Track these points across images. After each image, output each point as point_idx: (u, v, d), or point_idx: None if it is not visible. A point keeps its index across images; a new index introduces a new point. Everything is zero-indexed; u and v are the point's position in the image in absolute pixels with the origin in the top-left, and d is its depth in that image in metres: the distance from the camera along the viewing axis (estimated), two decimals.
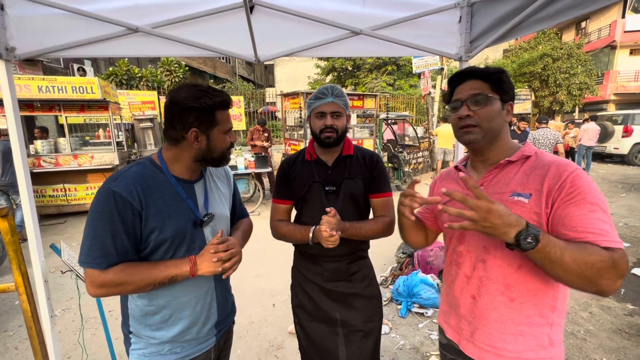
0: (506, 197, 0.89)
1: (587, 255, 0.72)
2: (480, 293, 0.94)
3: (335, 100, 1.33)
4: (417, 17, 1.61)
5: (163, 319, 1.02)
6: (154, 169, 0.99)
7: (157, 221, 0.94)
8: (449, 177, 1.12)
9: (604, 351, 2.35)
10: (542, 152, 0.93)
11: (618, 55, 18.05)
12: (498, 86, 0.93)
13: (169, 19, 1.43)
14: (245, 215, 1.36)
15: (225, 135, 1.02)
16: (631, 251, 4.12)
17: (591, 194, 0.78)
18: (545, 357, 0.89)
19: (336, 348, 1.47)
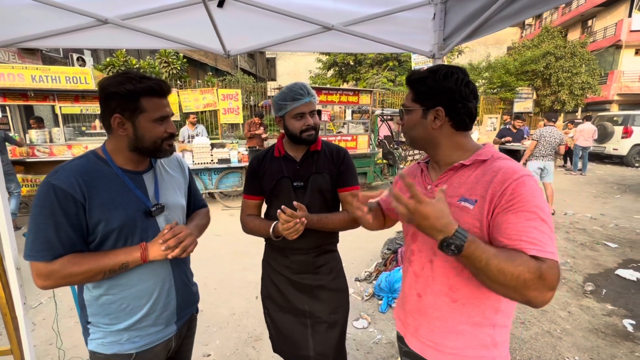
0: (455, 201, 0.89)
1: (515, 266, 0.72)
2: (425, 292, 0.97)
3: (312, 99, 1.35)
4: (390, 13, 1.60)
5: (120, 307, 1.02)
6: (97, 162, 0.99)
7: (102, 212, 0.95)
8: (413, 174, 1.12)
9: (577, 350, 2.37)
10: (498, 157, 0.90)
11: (623, 55, 17.81)
12: (417, 95, 0.93)
13: (139, 11, 1.44)
14: (202, 205, 1.38)
15: (155, 123, 0.99)
16: (617, 252, 4.13)
17: (532, 202, 0.77)
18: (486, 356, 0.91)
19: (302, 338, 1.50)
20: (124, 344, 1.04)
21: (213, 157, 5.82)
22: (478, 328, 0.90)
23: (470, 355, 0.91)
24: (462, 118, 0.90)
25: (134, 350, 1.05)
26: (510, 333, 2.54)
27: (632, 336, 2.53)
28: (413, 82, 0.93)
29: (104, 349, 1.03)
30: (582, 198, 6.88)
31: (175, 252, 0.99)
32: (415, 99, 0.93)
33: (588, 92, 15.06)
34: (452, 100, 0.89)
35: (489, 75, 16.39)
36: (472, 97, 0.90)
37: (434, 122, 0.91)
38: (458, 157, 0.93)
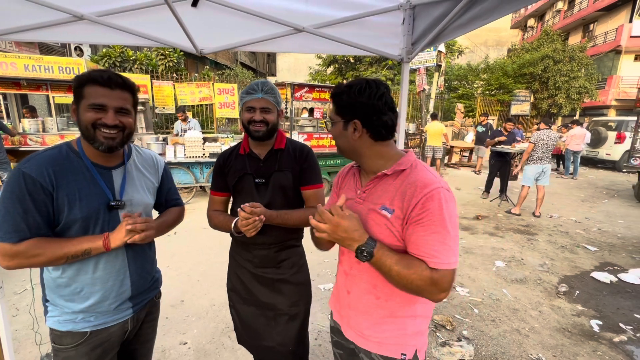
0: (377, 208, 0.96)
1: (411, 274, 0.85)
2: (353, 289, 1.07)
3: (265, 96, 1.39)
4: (360, 17, 1.65)
5: (75, 291, 1.09)
6: (69, 153, 1.05)
7: (67, 202, 1.01)
8: (349, 180, 1.15)
9: (542, 348, 2.45)
10: (417, 167, 0.96)
11: (622, 60, 17.85)
12: (338, 107, 0.99)
13: (114, 8, 1.49)
14: (177, 203, 1.42)
15: (89, 109, 1.00)
16: (596, 255, 4.21)
17: (439, 215, 0.86)
18: (409, 344, 1.01)
19: (265, 329, 1.57)
20: (78, 322, 1.11)
21: (205, 151, 5.87)
22: (400, 320, 1.00)
23: (394, 343, 1.01)
24: (378, 130, 0.95)
25: (88, 328, 1.12)
26: (479, 330, 2.64)
27: (597, 336, 2.61)
28: (333, 96, 1.00)
29: (60, 326, 1.10)
30: (570, 202, 6.97)
31: (135, 237, 1.06)
32: (336, 112, 1.00)
33: (585, 96, 15.11)
34: (367, 114, 0.94)
35: (487, 76, 16.40)
36: (386, 109, 0.95)
37: (354, 133, 0.97)
38: (381, 166, 0.99)
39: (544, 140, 5.46)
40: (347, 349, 1.16)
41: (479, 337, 2.54)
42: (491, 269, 3.74)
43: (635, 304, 3.09)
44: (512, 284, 3.41)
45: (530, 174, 5.62)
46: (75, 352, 1.11)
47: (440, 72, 11.03)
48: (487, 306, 2.99)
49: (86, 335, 1.11)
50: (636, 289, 3.37)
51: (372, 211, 0.97)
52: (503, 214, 5.88)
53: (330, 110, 1.02)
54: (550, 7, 23.80)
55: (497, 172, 6.76)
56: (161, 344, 2.39)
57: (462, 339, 2.50)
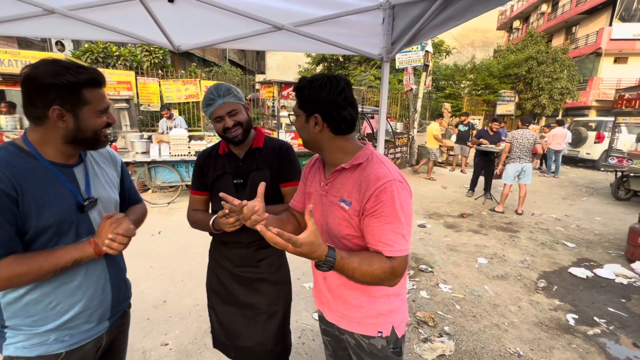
0: (337, 200, 1.02)
1: (374, 269, 0.90)
2: (327, 275, 1.10)
3: (225, 99, 1.34)
4: (340, 16, 1.66)
5: (48, 307, 0.98)
6: (20, 154, 0.93)
7: (35, 207, 0.91)
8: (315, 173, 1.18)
9: (520, 341, 2.52)
10: (372, 160, 1.00)
11: (603, 62, 18.42)
12: (300, 101, 1.02)
13: (86, 2, 1.45)
14: (138, 200, 1.35)
15: (98, 115, 0.98)
16: (574, 251, 4.35)
17: (392, 206, 0.91)
18: (385, 322, 1.08)
19: (244, 329, 1.56)
20: (52, 344, 1.00)
21: (190, 149, 5.79)
22: (374, 299, 1.07)
23: (371, 323, 1.08)
24: (338, 124, 0.99)
25: (62, 349, 1.02)
26: (460, 325, 2.69)
27: (572, 329, 2.70)
28: (295, 90, 1.03)
29: (26, 352, 0.98)
30: (551, 199, 7.16)
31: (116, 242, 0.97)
32: (299, 105, 1.02)
33: (567, 97, 15.53)
34: (327, 109, 0.97)
35: (473, 77, 16.68)
36: (346, 104, 0.98)
37: (315, 127, 1.00)
38: (340, 160, 1.03)
39: (519, 139, 5.63)
40: (333, 335, 1.22)
41: (459, 333, 2.59)
42: (474, 265, 3.81)
43: (609, 298, 3.21)
44: (493, 280, 3.48)
45: (510, 172, 5.80)
46: None
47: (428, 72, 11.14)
48: (468, 302, 3.05)
49: (60, 357, 1.01)
50: (610, 284, 3.49)
51: (332, 204, 1.03)
52: (487, 212, 5.99)
53: (297, 104, 1.03)
54: (534, 9, 24.34)
55: (481, 171, 6.89)
56: (142, 345, 2.36)
57: (443, 335, 2.55)
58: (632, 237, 3.97)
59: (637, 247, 3.92)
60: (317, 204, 1.10)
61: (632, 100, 6.76)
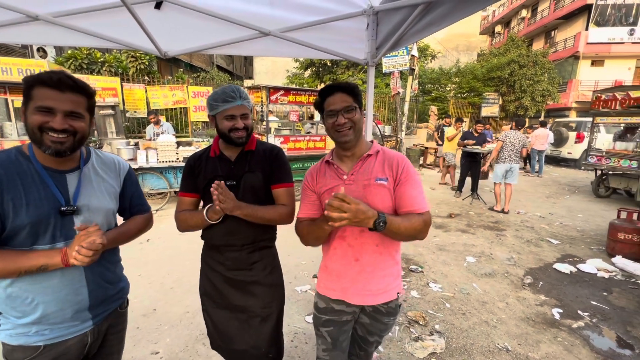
0: (373, 181, 1.22)
1: (412, 223, 1.15)
2: (361, 254, 1.26)
3: (244, 102, 1.39)
4: (326, 21, 1.69)
5: (25, 302, 1.03)
6: (18, 157, 1.01)
7: (13, 206, 0.96)
8: (326, 173, 1.33)
9: (508, 337, 2.58)
10: (384, 148, 1.31)
11: (581, 65, 19.10)
12: (356, 98, 1.22)
13: (71, 9, 1.44)
14: (143, 211, 1.36)
15: (35, 112, 0.95)
16: (558, 248, 4.48)
17: (416, 176, 1.23)
18: (398, 285, 1.33)
19: (238, 332, 1.56)
20: (32, 336, 1.05)
21: (179, 155, 5.73)
22: (392, 267, 1.30)
23: (391, 288, 1.30)
24: None
25: (41, 342, 1.06)
26: (450, 323, 2.73)
27: (557, 323, 2.78)
28: (352, 88, 1.23)
29: (11, 340, 1.04)
30: (535, 198, 7.36)
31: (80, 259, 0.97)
32: (355, 100, 1.22)
33: (548, 99, 16.04)
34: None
35: (458, 80, 17.05)
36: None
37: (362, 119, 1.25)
38: (365, 150, 1.28)
39: (511, 139, 5.86)
40: (338, 322, 1.34)
41: (450, 331, 2.64)
42: (463, 264, 3.89)
43: (591, 291, 3.31)
44: (481, 278, 3.56)
45: (499, 171, 6.00)
46: None
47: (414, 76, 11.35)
48: (458, 300, 3.10)
49: (39, 350, 1.05)
50: (593, 278, 3.61)
51: (368, 186, 1.21)
52: (474, 212, 6.12)
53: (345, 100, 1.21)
54: (515, 14, 25.10)
55: (468, 172, 7.03)
56: (131, 355, 2.31)
57: (434, 333, 2.59)
58: (612, 232, 4.12)
59: (616, 242, 4.07)
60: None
61: (608, 101, 7.03)
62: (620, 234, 4.02)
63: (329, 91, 1.23)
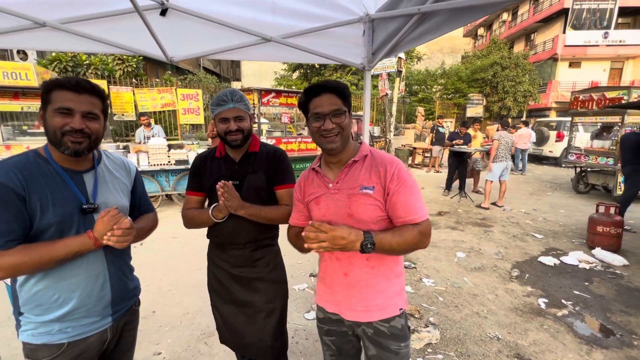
0: (357, 190, 1.11)
1: (405, 238, 1.05)
2: (350, 269, 1.17)
3: (236, 105, 1.44)
4: (325, 28, 1.78)
5: (51, 299, 1.06)
6: (37, 159, 1.05)
7: (40, 207, 1.00)
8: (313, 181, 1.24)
9: (498, 326, 2.71)
10: (375, 151, 1.18)
11: (559, 66, 19.84)
12: (346, 100, 1.11)
13: (78, 16, 1.48)
14: (150, 210, 1.41)
15: (55, 114, 1.00)
16: (542, 242, 4.69)
17: (410, 181, 1.09)
18: (399, 301, 1.19)
19: (244, 327, 1.62)
20: (55, 334, 1.08)
21: (170, 158, 5.70)
22: (390, 281, 1.18)
23: (390, 304, 1.18)
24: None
25: (65, 339, 1.09)
26: (444, 315, 2.85)
27: (544, 312, 2.94)
28: (343, 89, 1.11)
29: (34, 339, 1.07)
30: (520, 195, 7.64)
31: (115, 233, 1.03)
32: (344, 103, 1.11)
33: (529, 99, 16.60)
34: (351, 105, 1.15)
35: (444, 81, 17.45)
36: None
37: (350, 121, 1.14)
38: (351, 154, 1.17)
39: (505, 137, 6.25)
40: (339, 333, 1.27)
41: (443, 322, 2.75)
42: (453, 260, 4.03)
43: (574, 282, 3.50)
44: (471, 272, 3.70)
45: (497, 170, 6.30)
46: None
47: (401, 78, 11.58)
48: (450, 294, 3.23)
49: (63, 347, 1.09)
50: (575, 269, 3.81)
51: (353, 195, 1.11)
52: (463, 210, 6.31)
53: (334, 103, 1.09)
54: (497, 17, 25.86)
55: (455, 171, 7.24)
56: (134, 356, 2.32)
57: (429, 325, 2.70)
58: (592, 226, 4.35)
59: (596, 234, 4.29)
60: (329, 204, 1.16)
61: (586, 101, 7.38)
62: (599, 227, 4.25)
63: (316, 91, 1.10)
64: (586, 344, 2.51)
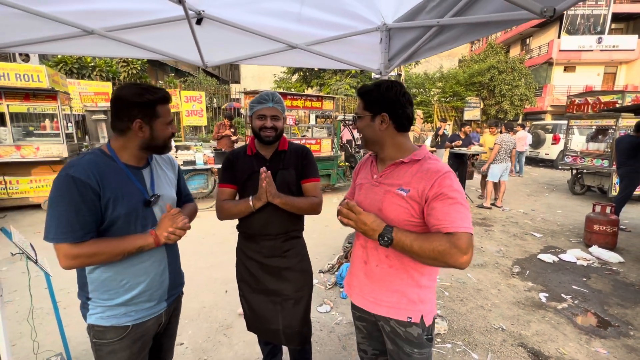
0: (394, 189, 1.14)
1: (430, 243, 1.00)
2: (369, 259, 1.24)
3: (275, 105, 1.59)
4: (345, 36, 1.92)
5: (120, 284, 1.17)
6: (104, 157, 1.15)
7: (112, 201, 1.10)
8: (367, 167, 1.34)
9: (502, 318, 2.85)
10: (429, 158, 1.16)
11: (554, 71, 20.22)
12: (367, 103, 1.17)
13: (123, 24, 1.60)
14: (190, 200, 1.55)
15: (166, 126, 1.20)
16: (541, 240, 4.85)
17: (452, 191, 1.04)
18: (414, 310, 1.18)
19: (272, 314, 1.73)
20: (121, 317, 1.18)
21: (178, 159, 5.81)
22: (408, 288, 1.18)
23: (402, 308, 1.18)
24: (402, 121, 1.16)
25: (130, 322, 1.20)
26: (450, 309, 2.99)
27: (544, 306, 3.08)
28: (363, 93, 1.18)
29: (103, 322, 1.17)
30: (518, 196, 7.82)
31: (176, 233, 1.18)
32: (365, 107, 1.17)
33: (526, 103, 16.89)
34: (394, 107, 1.14)
35: (442, 85, 17.70)
36: (408, 104, 1.15)
37: (381, 125, 1.16)
38: (398, 155, 1.19)
39: (506, 142, 6.45)
40: (369, 320, 1.33)
41: (450, 315, 2.89)
42: None
43: (572, 278, 3.66)
44: (474, 269, 3.84)
45: (497, 171, 6.50)
46: (119, 345, 1.19)
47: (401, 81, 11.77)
48: (455, 289, 3.36)
49: (128, 330, 1.19)
50: (573, 266, 3.96)
51: (388, 192, 1.15)
52: None
53: (358, 107, 1.19)
54: None
55: (455, 172, 7.40)
56: None
57: (437, 317, 2.82)
58: (589, 224, 4.51)
59: (592, 233, 4.46)
60: (367, 193, 1.24)
61: (581, 105, 7.59)
62: (595, 226, 4.41)
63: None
64: (585, 334, 2.65)
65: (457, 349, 2.45)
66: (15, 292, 3.11)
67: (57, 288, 2.68)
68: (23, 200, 5.57)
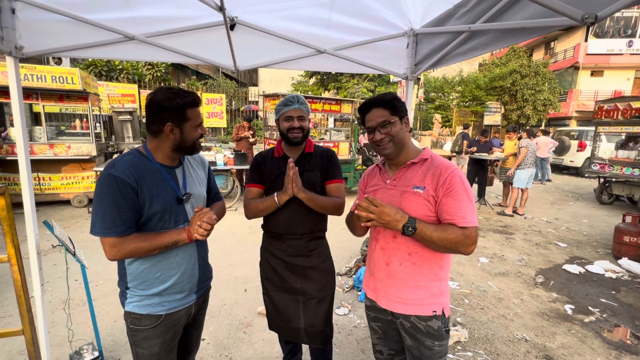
0: (410, 188, 1.23)
1: (447, 234, 1.12)
2: (391, 260, 1.28)
3: (300, 107, 1.64)
4: (372, 41, 1.94)
5: (155, 276, 1.25)
6: (142, 157, 1.23)
7: (149, 198, 1.18)
8: (375, 176, 1.42)
9: (525, 329, 2.78)
10: (436, 156, 1.27)
11: (580, 75, 19.52)
12: (394, 109, 1.24)
13: (162, 30, 1.68)
14: (219, 198, 1.62)
15: (196, 128, 1.26)
16: (566, 250, 4.68)
17: (462, 188, 1.16)
18: (436, 303, 1.25)
19: (295, 313, 1.77)
20: (155, 306, 1.27)
21: None
22: (430, 282, 1.24)
23: (427, 303, 1.24)
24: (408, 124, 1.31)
25: (163, 312, 1.28)
26: (471, 317, 2.94)
27: (570, 318, 2.98)
28: (391, 100, 1.25)
29: (139, 310, 1.26)
30: (541, 204, 7.58)
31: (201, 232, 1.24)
32: (392, 113, 1.24)
33: (549, 108, 16.37)
34: (407, 111, 1.29)
35: (461, 89, 17.41)
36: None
37: (406, 127, 1.27)
38: (412, 156, 1.29)
39: (532, 146, 6.32)
40: (385, 320, 1.37)
41: (471, 323, 2.83)
42: (476, 264, 4.09)
43: (600, 290, 3.52)
44: (495, 277, 3.76)
45: (525, 177, 6.33)
46: (153, 332, 1.27)
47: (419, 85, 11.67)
48: (475, 297, 3.30)
49: (161, 318, 1.28)
50: (601, 278, 3.81)
51: (405, 192, 1.23)
52: (483, 217, 6.33)
53: (381, 115, 1.24)
54: None
55: (474, 178, 7.26)
56: None
57: (457, 325, 2.78)
58: (618, 235, 4.33)
59: (622, 244, 4.28)
60: (384, 196, 1.29)
61: (610, 111, 7.30)
62: (625, 237, 4.23)
63: (366, 108, 1.28)
64: (615, 349, 2.55)
65: (478, 357, 2.40)
66: (47, 284, 3.27)
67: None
68: (54, 196, 5.85)
